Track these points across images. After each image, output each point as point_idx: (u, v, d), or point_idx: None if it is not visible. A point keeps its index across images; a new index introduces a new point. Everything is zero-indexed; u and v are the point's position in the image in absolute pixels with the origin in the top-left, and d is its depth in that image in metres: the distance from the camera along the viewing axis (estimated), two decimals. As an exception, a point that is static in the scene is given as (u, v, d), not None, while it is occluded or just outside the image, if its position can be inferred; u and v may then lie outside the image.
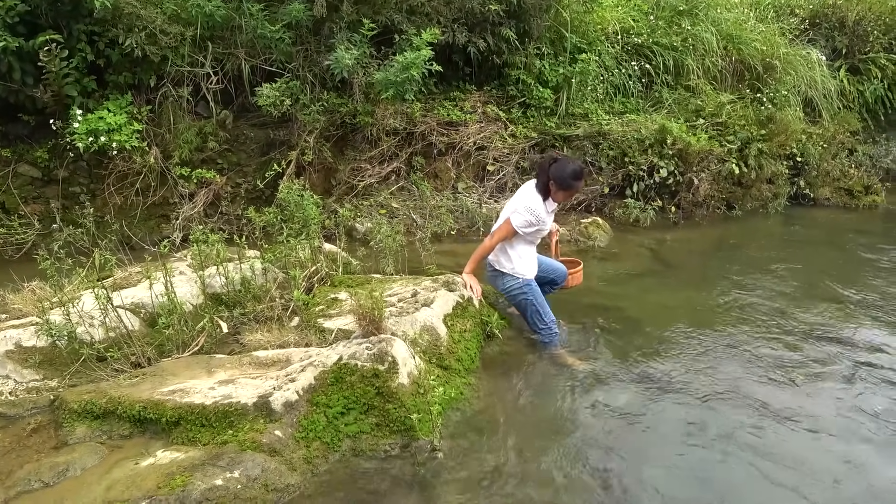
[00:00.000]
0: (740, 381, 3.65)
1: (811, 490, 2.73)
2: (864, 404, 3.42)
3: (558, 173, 3.74)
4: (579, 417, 3.28)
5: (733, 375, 3.71)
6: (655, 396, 3.48)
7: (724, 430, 3.15)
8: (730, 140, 7.47)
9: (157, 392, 2.96)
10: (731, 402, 3.43)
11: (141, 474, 2.52)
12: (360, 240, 5.88)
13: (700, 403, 3.41)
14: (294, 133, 6.51)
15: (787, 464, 2.90)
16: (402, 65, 5.86)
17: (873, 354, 4.02)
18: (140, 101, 6.17)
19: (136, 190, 6.06)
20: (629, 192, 7.07)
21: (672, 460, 2.96)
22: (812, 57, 9.03)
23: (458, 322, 3.84)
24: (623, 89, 7.95)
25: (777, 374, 3.74)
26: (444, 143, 6.91)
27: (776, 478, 2.81)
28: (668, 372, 3.73)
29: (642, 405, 3.39)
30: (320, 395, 2.93)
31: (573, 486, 2.75)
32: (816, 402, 3.45)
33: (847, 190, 8.56)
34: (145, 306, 3.77)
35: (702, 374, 3.72)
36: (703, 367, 3.80)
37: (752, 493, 2.74)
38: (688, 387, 3.57)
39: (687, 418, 3.26)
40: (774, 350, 4.06)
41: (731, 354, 3.99)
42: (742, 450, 3.00)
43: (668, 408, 3.38)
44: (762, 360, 3.92)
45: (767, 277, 5.50)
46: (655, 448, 3.04)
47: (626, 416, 3.29)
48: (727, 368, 3.81)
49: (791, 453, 2.98)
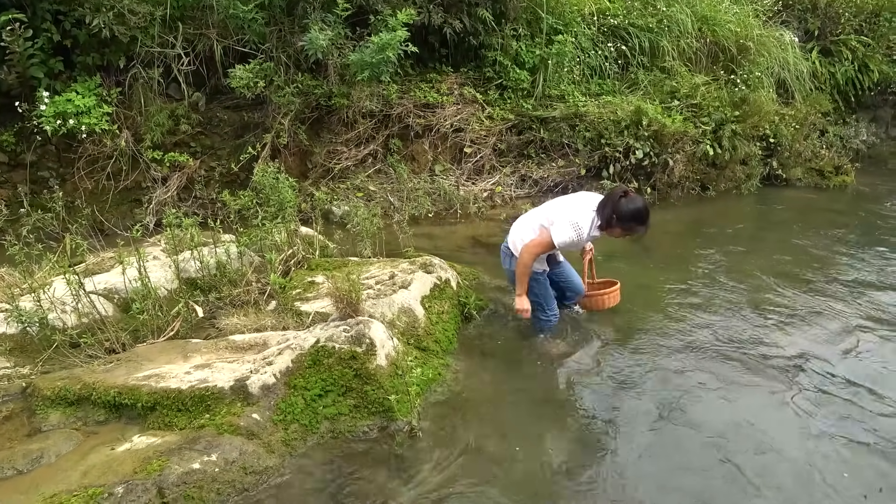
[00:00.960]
0: (713, 361, 3.72)
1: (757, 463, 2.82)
2: (823, 382, 3.52)
3: (624, 212, 3.40)
4: (556, 397, 3.33)
5: (707, 354, 3.78)
6: (632, 376, 3.54)
7: (697, 409, 3.22)
8: (704, 121, 7.54)
9: (133, 377, 2.93)
10: (705, 380, 3.50)
11: (117, 459, 2.50)
12: (337, 223, 5.85)
13: (676, 382, 3.47)
14: (268, 115, 6.43)
15: (745, 435, 2.99)
16: (377, 46, 5.81)
17: (834, 331, 4.14)
18: (109, 82, 6.03)
19: (108, 174, 5.95)
20: (605, 173, 7.12)
21: (648, 438, 3.01)
22: (785, 38, 9.13)
23: (436, 304, 3.85)
24: (599, 71, 7.97)
25: (745, 351, 3.83)
26: (421, 126, 6.88)
27: (741, 456, 2.89)
28: (644, 352, 3.79)
29: (619, 385, 3.45)
30: (298, 377, 2.93)
31: (550, 465, 2.80)
32: (775, 378, 3.54)
33: (818, 170, 8.71)
34: (119, 292, 3.73)
35: (677, 354, 3.78)
36: (679, 347, 3.87)
37: (726, 470, 2.82)
38: (664, 367, 3.63)
39: (663, 398, 3.32)
40: (746, 327, 4.15)
41: (705, 334, 4.05)
42: (712, 425, 3.08)
43: (645, 387, 3.44)
44: (733, 338, 4.00)
45: (741, 257, 5.60)
46: (631, 426, 3.09)
47: (603, 396, 3.34)
48: (701, 347, 3.87)
49: (742, 423, 3.07)
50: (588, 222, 3.49)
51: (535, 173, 7.11)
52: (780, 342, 3.95)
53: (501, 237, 5.86)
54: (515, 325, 4.05)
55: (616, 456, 2.87)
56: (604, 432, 3.04)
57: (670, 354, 3.77)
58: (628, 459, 2.85)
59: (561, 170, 7.15)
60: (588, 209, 3.53)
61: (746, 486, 2.66)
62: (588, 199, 3.63)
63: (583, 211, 3.52)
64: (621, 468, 2.79)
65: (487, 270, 4.84)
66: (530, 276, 3.64)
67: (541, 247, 3.53)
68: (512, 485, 2.65)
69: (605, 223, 3.48)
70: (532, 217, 3.74)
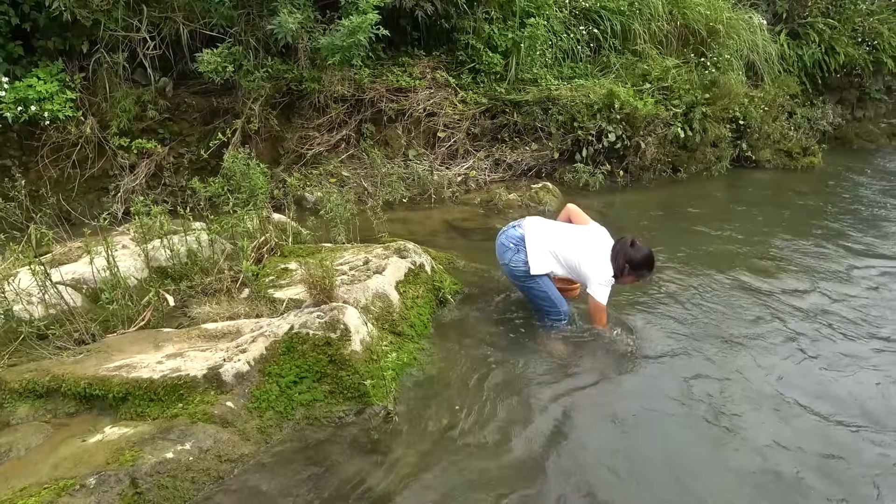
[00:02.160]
0: (684, 339, 3.80)
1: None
2: (790, 353, 3.62)
3: (635, 259, 3.64)
4: (531, 378, 3.35)
5: (679, 333, 3.86)
6: (605, 357, 3.59)
7: (666, 386, 3.29)
8: (675, 104, 7.60)
9: (103, 368, 2.89)
10: (678, 358, 3.57)
11: (89, 451, 2.47)
12: (310, 209, 5.80)
13: (649, 360, 3.54)
14: (238, 101, 6.32)
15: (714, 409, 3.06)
16: (348, 29, 5.72)
17: (799, 307, 4.27)
18: (72, 68, 5.87)
19: (73, 162, 5.80)
20: (578, 156, 7.15)
21: (621, 415, 3.07)
22: (754, 21, 9.22)
23: (411, 288, 3.85)
24: (571, 54, 7.97)
25: (717, 330, 3.91)
26: (394, 110, 6.83)
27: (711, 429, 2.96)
28: (618, 331, 3.84)
29: (592, 365, 3.50)
30: (272, 364, 2.91)
31: (525, 446, 2.83)
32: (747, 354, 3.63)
33: (787, 152, 8.85)
34: (87, 282, 3.65)
35: (652, 332, 3.85)
36: (654, 325, 3.94)
37: (700, 444, 2.89)
38: (639, 346, 3.69)
39: (636, 376, 3.39)
40: (714, 306, 4.23)
41: (675, 312, 4.13)
42: (684, 404, 3.14)
43: (618, 367, 3.50)
44: (703, 317, 4.08)
45: (710, 237, 5.70)
46: (605, 406, 3.15)
47: (577, 376, 3.39)
48: (671, 326, 3.95)
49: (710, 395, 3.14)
50: (612, 275, 3.64)
51: (508, 157, 7.11)
52: (747, 316, 4.05)
53: (476, 221, 5.95)
54: (490, 308, 4.07)
55: (593, 437, 2.92)
56: (580, 415, 3.08)
57: (649, 331, 3.85)
58: (605, 441, 2.89)
59: (535, 153, 7.16)
60: (607, 262, 3.65)
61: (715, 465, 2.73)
62: (603, 246, 3.72)
63: (606, 265, 3.64)
64: (598, 450, 2.83)
65: (462, 255, 4.85)
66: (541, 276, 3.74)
67: (602, 314, 3.70)
68: (488, 467, 2.67)
69: (619, 272, 3.65)
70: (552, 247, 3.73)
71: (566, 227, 3.93)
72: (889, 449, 2.87)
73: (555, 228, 3.87)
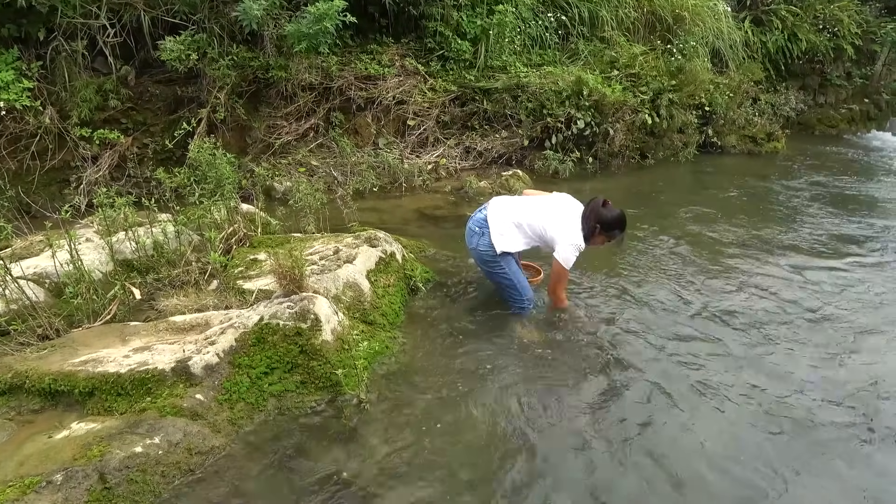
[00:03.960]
0: (650, 322, 3.87)
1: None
2: (755, 336, 3.72)
3: (607, 219, 3.65)
4: (502, 366, 3.38)
5: (644, 318, 3.92)
6: (576, 339, 3.64)
7: (632, 369, 3.35)
8: (643, 91, 7.69)
9: (69, 363, 2.83)
10: (643, 341, 3.64)
11: (55, 447, 2.43)
12: (280, 199, 5.75)
13: (616, 346, 3.59)
14: (203, 89, 6.22)
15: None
16: (314, 16, 5.66)
17: (764, 289, 4.37)
18: (29, 56, 5.70)
19: (32, 153, 5.66)
20: (548, 144, 7.20)
21: (588, 399, 3.11)
22: (719, 8, 9.36)
23: (382, 277, 3.85)
24: (540, 41, 8.00)
25: (684, 314, 3.99)
26: (363, 98, 6.78)
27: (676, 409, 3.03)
28: (588, 316, 3.89)
29: (560, 352, 3.53)
30: (242, 356, 2.89)
31: (497, 432, 2.86)
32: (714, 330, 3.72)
33: (751, 137, 9.03)
34: (50, 276, 3.57)
35: (617, 316, 3.90)
36: (619, 310, 3.99)
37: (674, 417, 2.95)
38: (606, 331, 3.75)
39: (602, 362, 3.43)
40: (678, 289, 4.31)
41: (641, 296, 4.20)
42: (659, 391, 3.21)
43: (585, 353, 3.54)
44: (667, 302, 4.16)
45: (677, 221, 5.79)
46: (573, 391, 3.19)
47: (546, 362, 3.42)
48: (636, 311, 4.01)
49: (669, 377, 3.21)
50: (582, 239, 3.62)
51: (479, 145, 7.13)
52: (713, 301, 4.14)
53: (447, 209, 5.95)
54: (462, 296, 4.09)
55: (562, 422, 2.96)
56: (549, 400, 3.11)
57: (615, 315, 3.90)
58: (574, 426, 2.93)
59: (505, 141, 7.19)
60: (576, 224, 3.65)
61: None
62: (570, 210, 3.72)
63: (574, 228, 3.63)
64: (566, 433, 2.87)
65: (433, 243, 4.86)
66: (506, 256, 3.73)
67: (563, 280, 3.72)
68: (460, 454, 2.70)
69: (590, 233, 3.65)
70: (521, 218, 3.73)
71: (530, 198, 3.95)
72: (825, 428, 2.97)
73: (518, 201, 3.89)
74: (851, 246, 5.33)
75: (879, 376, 3.33)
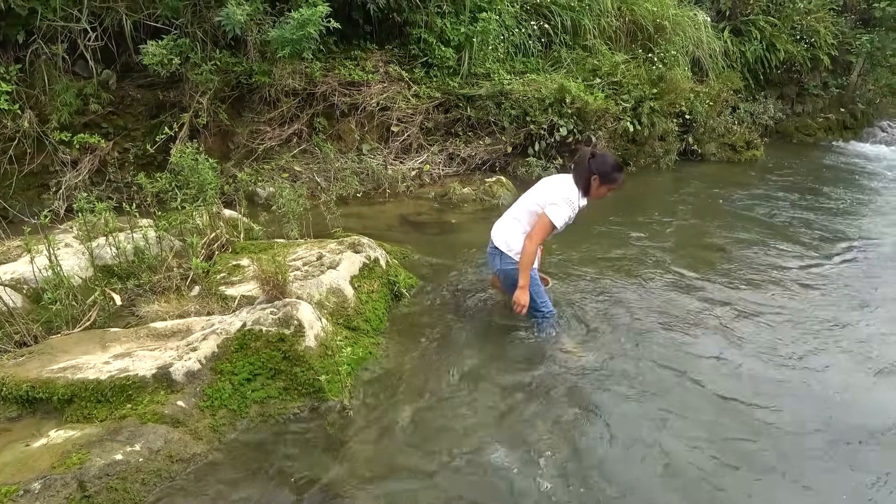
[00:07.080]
0: (633, 327, 3.90)
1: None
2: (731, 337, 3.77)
3: (602, 167, 3.51)
4: (485, 371, 3.39)
5: (628, 321, 3.96)
6: (558, 346, 3.66)
7: (614, 374, 3.38)
8: (624, 99, 7.77)
9: (47, 370, 2.80)
10: (628, 348, 3.67)
11: (33, 455, 2.40)
12: (263, 205, 5.72)
13: (601, 350, 3.62)
14: (186, 94, 6.16)
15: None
16: (298, 21, 5.65)
17: (739, 295, 4.43)
18: (7, 59, 5.61)
19: (10, 157, 5.56)
20: (531, 150, 7.24)
21: (571, 405, 3.13)
22: (699, 18, 9.50)
23: (366, 283, 3.85)
24: (523, 49, 8.05)
25: (665, 315, 4.04)
26: (347, 104, 6.77)
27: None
28: (570, 321, 3.92)
29: (546, 357, 3.55)
30: (224, 362, 2.87)
31: (480, 437, 2.86)
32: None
33: (731, 145, 9.16)
34: (28, 282, 3.52)
35: (601, 321, 3.94)
36: (603, 314, 4.03)
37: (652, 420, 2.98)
38: (591, 336, 3.78)
39: (586, 369, 3.45)
40: (664, 292, 4.36)
41: (628, 299, 4.24)
42: (645, 392, 3.24)
43: (569, 360, 3.56)
44: (654, 303, 4.20)
45: (659, 228, 5.86)
46: (556, 397, 3.20)
47: (531, 369, 3.43)
48: (617, 313, 4.05)
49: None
50: (576, 194, 3.54)
51: (462, 151, 7.15)
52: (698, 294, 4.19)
53: (431, 215, 5.98)
54: (446, 302, 4.10)
55: (549, 427, 2.97)
56: (531, 406, 3.12)
57: (598, 319, 3.94)
58: (555, 432, 2.94)
59: (488, 147, 7.22)
60: (569, 183, 3.58)
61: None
62: (561, 177, 3.69)
63: (566, 186, 3.56)
64: (549, 441, 2.88)
65: (417, 249, 4.87)
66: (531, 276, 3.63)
67: (543, 231, 3.52)
68: (443, 459, 2.70)
69: (584, 186, 3.55)
70: (513, 213, 3.73)
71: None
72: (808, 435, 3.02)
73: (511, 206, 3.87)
74: (826, 247, 5.49)
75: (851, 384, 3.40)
